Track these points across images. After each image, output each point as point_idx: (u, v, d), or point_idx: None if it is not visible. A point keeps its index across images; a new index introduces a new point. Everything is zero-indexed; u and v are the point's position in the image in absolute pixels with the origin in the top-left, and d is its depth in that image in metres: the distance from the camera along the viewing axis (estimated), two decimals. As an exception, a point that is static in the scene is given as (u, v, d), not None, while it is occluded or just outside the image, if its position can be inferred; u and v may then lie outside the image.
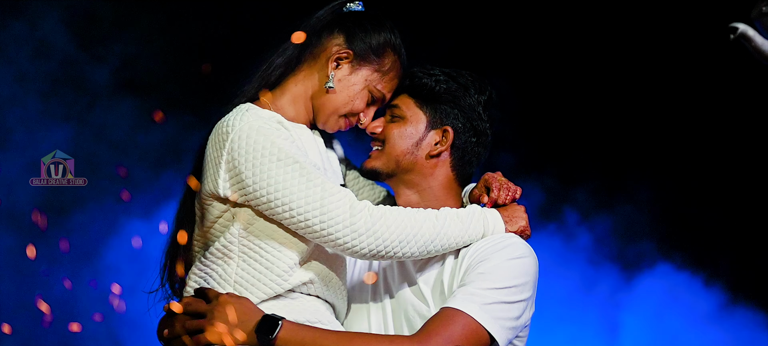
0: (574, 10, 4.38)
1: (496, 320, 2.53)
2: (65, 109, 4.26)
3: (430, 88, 2.73)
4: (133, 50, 4.31)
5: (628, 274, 4.44)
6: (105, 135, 4.28)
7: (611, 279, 4.44)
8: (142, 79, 4.32)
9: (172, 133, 4.22)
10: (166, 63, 4.31)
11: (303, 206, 2.48)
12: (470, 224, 2.61)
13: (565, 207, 4.46)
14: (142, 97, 4.29)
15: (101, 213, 4.26)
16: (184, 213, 2.65)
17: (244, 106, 2.59)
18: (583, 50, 4.41)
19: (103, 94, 4.29)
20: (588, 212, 4.46)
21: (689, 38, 4.26)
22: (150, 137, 4.29)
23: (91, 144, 4.26)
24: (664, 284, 4.40)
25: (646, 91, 4.40)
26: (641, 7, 4.31)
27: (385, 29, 2.70)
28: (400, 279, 2.71)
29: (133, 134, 4.30)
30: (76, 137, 4.23)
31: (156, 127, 4.24)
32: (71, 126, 4.24)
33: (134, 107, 4.29)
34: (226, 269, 2.56)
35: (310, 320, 2.54)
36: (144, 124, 4.27)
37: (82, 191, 4.20)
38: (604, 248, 4.45)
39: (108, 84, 4.30)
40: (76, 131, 4.24)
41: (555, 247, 4.39)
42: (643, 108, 4.41)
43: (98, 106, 4.30)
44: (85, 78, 4.27)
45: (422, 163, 2.75)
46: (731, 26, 2.16)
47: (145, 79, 4.32)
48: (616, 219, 4.45)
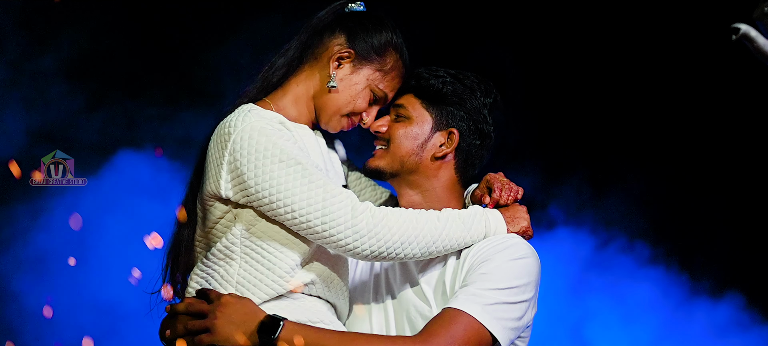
0: (573, 11, 4.38)
1: (498, 320, 2.53)
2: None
3: (436, 89, 2.73)
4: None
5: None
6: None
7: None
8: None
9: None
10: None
11: (305, 207, 2.48)
12: (472, 225, 2.61)
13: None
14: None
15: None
16: (186, 214, 2.65)
17: (247, 107, 2.59)
18: (582, 50, 4.41)
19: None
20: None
21: (690, 38, 4.26)
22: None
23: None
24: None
25: (646, 91, 4.40)
26: (642, 7, 4.31)
27: (386, 29, 2.70)
28: (401, 279, 2.71)
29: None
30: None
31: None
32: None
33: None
34: (228, 269, 2.56)
35: (312, 320, 2.54)
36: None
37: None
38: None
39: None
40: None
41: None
42: (643, 109, 4.41)
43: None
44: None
45: (426, 165, 2.74)
46: (733, 27, 2.15)
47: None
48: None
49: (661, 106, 4.40)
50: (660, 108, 4.40)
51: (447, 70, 2.75)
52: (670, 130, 4.39)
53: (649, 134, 4.41)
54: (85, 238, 4.19)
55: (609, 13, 4.35)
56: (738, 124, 4.32)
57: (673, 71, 4.35)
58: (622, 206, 4.44)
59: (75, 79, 4.25)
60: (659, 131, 4.41)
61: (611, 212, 4.45)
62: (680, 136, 4.39)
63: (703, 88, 4.33)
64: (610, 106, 4.41)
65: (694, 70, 4.31)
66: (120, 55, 4.30)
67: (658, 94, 4.39)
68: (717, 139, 4.36)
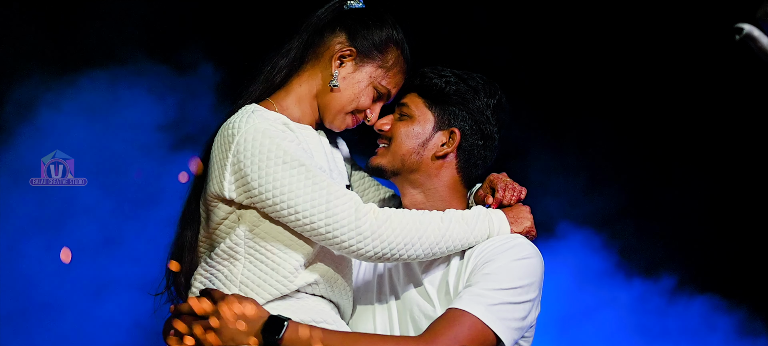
0: (574, 10, 4.39)
1: (502, 320, 2.53)
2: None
3: (439, 88, 2.73)
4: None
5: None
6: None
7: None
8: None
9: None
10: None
11: (308, 208, 2.48)
12: (475, 225, 2.61)
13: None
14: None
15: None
16: (189, 214, 2.65)
17: (250, 108, 2.59)
18: (583, 50, 4.41)
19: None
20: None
21: (690, 38, 4.26)
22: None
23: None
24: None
25: (645, 91, 4.40)
26: (642, 7, 4.32)
27: (386, 25, 2.70)
28: (405, 280, 2.71)
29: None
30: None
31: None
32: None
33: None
34: (232, 269, 2.55)
35: (315, 320, 2.54)
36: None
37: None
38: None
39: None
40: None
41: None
42: (644, 109, 4.41)
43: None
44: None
45: (428, 164, 2.74)
46: (736, 27, 2.15)
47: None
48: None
49: (660, 107, 4.40)
50: (660, 108, 4.40)
51: (452, 71, 2.75)
52: (669, 130, 4.39)
53: (649, 132, 4.42)
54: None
55: (609, 13, 4.35)
56: (737, 125, 4.32)
57: (673, 71, 4.35)
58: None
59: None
60: (659, 131, 4.41)
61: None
62: (680, 136, 4.39)
63: (703, 88, 4.33)
64: (610, 106, 4.41)
65: (694, 70, 4.31)
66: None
67: (658, 94, 4.39)
68: (717, 139, 4.37)
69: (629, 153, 4.39)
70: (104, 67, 4.10)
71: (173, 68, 4.14)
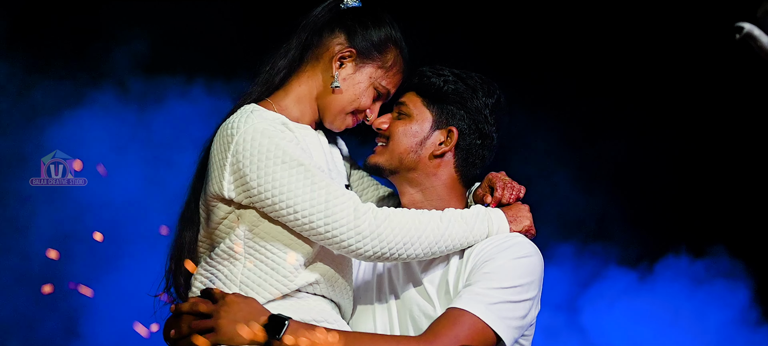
0: (575, 10, 4.39)
1: (502, 319, 2.53)
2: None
3: (437, 87, 2.73)
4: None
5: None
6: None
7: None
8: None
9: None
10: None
11: (307, 208, 2.48)
12: (474, 224, 2.61)
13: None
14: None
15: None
16: (189, 214, 2.65)
17: (249, 108, 2.59)
18: (582, 50, 4.41)
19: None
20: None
21: (690, 39, 4.26)
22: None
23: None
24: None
25: (645, 91, 4.40)
26: (643, 8, 4.32)
27: (385, 24, 2.70)
28: (405, 279, 2.72)
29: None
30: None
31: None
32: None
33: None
34: (232, 269, 2.56)
35: (316, 320, 2.54)
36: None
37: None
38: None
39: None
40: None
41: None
42: (643, 109, 4.42)
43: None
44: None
45: (425, 163, 2.75)
46: (737, 26, 2.15)
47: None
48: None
49: (660, 107, 4.40)
50: (659, 108, 4.41)
51: (451, 70, 2.75)
52: (669, 129, 4.40)
53: (649, 134, 4.42)
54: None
55: (609, 14, 4.35)
56: (737, 124, 4.32)
57: (672, 71, 4.35)
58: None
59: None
60: (659, 131, 4.41)
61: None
62: (680, 135, 4.39)
63: (702, 89, 4.33)
64: (611, 107, 4.41)
65: (693, 70, 4.31)
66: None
67: (657, 94, 4.40)
68: (716, 139, 4.37)
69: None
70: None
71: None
